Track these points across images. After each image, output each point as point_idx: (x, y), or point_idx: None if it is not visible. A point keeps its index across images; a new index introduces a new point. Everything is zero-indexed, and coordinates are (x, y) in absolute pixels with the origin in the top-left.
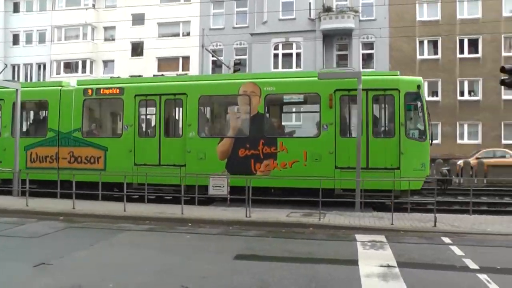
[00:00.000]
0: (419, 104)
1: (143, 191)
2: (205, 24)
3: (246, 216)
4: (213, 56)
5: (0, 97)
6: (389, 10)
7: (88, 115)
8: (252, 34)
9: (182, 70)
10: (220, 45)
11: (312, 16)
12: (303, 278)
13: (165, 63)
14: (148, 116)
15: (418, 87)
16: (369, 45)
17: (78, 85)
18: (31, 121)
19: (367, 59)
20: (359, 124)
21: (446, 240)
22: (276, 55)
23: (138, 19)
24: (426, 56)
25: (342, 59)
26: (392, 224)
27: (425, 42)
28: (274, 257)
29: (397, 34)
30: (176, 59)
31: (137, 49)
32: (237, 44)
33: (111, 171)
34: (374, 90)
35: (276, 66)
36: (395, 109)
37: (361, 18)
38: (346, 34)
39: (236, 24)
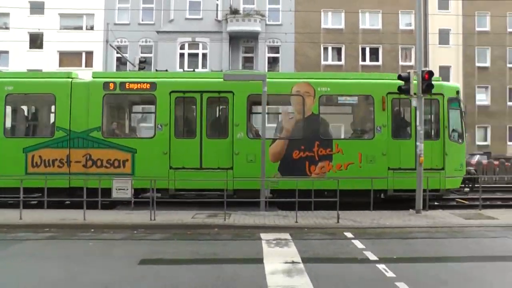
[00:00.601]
0: (458, 108)
1: (181, 197)
2: (109, 18)
3: (151, 219)
4: (117, 52)
5: None
6: (295, 16)
7: (110, 113)
8: (158, 32)
9: (85, 66)
10: (125, 42)
11: (219, 18)
12: (209, 279)
13: (67, 57)
14: (187, 115)
15: (457, 92)
16: (275, 49)
17: (94, 77)
18: (32, 119)
19: (273, 63)
20: (264, 124)
21: (349, 235)
22: (182, 55)
23: (37, 8)
24: (330, 62)
25: (248, 62)
26: (296, 222)
27: (329, 49)
28: (180, 260)
29: (302, 40)
30: (79, 54)
31: (36, 41)
32: (142, 42)
33: (140, 176)
34: None
35: (182, 66)
36: (439, 113)
37: (267, 22)
38: (253, 37)
39: (142, 20)
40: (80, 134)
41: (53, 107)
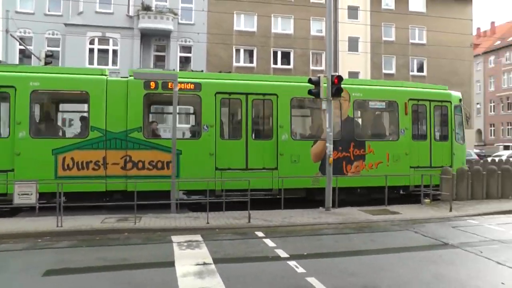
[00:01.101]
0: (460, 114)
1: (225, 197)
2: (9, 5)
3: (57, 226)
4: (20, 44)
5: (10, 83)
6: (208, 16)
7: (152, 113)
8: (66, 25)
9: None
10: (29, 33)
11: (131, 13)
12: (119, 286)
13: None
14: (232, 116)
15: (460, 100)
16: (187, 49)
17: (131, 75)
18: (62, 117)
19: (185, 62)
20: (174, 124)
21: (260, 234)
22: (91, 50)
23: None
24: (242, 63)
25: (160, 60)
26: (207, 223)
27: (241, 51)
28: (88, 268)
29: (214, 41)
30: None
31: None
32: (49, 34)
33: (186, 177)
34: (435, 101)
35: (91, 62)
36: (448, 118)
37: (180, 21)
38: (165, 35)
39: (49, 11)
40: (118, 135)
41: (85, 106)
